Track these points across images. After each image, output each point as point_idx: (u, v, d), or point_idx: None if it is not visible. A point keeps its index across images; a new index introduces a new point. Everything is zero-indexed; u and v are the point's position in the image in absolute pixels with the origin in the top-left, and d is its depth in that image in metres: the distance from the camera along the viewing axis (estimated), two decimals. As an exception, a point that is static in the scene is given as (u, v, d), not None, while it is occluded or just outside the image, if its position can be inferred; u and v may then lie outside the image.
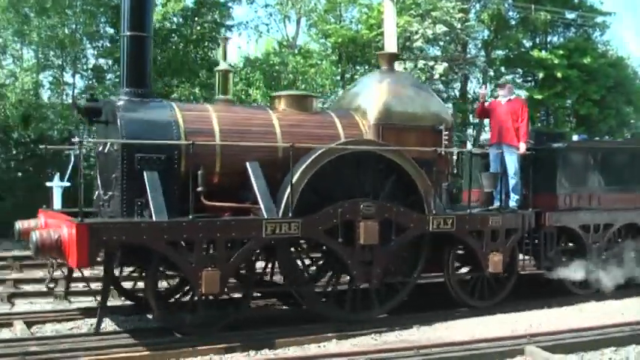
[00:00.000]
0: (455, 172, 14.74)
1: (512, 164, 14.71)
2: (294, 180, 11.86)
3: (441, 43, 33.81)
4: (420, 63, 31.93)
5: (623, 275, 15.62)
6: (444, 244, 13.68)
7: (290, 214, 11.78)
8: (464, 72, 35.12)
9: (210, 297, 11.71)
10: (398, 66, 26.32)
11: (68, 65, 30.92)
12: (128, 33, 12.06)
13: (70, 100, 28.80)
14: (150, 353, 10.64)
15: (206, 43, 31.93)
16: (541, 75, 34.71)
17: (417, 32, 31.22)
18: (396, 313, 13.22)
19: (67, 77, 31.12)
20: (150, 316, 12.80)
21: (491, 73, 36.17)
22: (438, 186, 13.67)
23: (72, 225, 10.44)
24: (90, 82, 31.01)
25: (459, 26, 32.34)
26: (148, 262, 11.50)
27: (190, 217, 11.11)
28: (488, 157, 15.13)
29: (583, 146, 16.05)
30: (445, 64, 32.55)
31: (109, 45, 30.58)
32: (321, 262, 13.75)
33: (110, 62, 30.94)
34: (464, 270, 14.89)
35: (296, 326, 12.26)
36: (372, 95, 13.86)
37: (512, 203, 14.66)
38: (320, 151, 12.18)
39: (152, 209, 11.06)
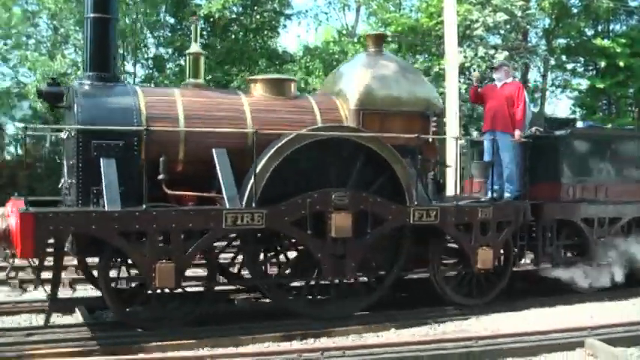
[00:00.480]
0: (443, 160, 13.44)
1: (506, 152, 13.33)
2: (258, 168, 10.90)
3: (502, 32, 32.28)
4: (480, 51, 30.22)
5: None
6: (430, 237, 12.55)
7: (253, 205, 10.81)
8: (524, 61, 33.16)
9: (167, 290, 10.85)
10: (458, 55, 25.33)
11: (129, 55, 30.73)
12: (91, 15, 11.24)
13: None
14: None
15: (265, 32, 31.52)
16: (603, 64, 33.32)
17: (477, 20, 29.84)
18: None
19: (128, 67, 31.02)
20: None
21: (553, 62, 35.02)
22: (424, 175, 12.58)
23: (17, 214, 9.76)
24: (150, 71, 30.73)
25: (519, 14, 30.76)
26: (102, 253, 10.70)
27: (144, 206, 10.25)
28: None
29: (588, 133, 14.54)
30: (505, 53, 30.54)
31: (169, 34, 30.20)
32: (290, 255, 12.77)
33: (170, 51, 30.55)
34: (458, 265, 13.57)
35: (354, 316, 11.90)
36: (354, 78, 12.75)
37: (506, 194, 13.32)
38: (287, 138, 11.16)
39: (104, 198, 10.28)
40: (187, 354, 9.66)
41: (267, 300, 12.46)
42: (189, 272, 12.28)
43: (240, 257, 13.38)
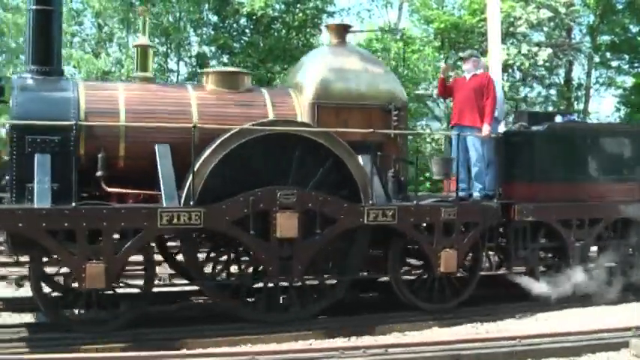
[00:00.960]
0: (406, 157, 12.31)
1: (474, 149, 12.22)
2: (197, 165, 10.14)
3: (545, 29, 31.03)
4: (524, 49, 29.52)
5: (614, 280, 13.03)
6: (391, 239, 11.58)
7: (191, 203, 10.05)
8: (568, 58, 32.01)
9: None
10: (501, 52, 24.31)
11: (172, 52, 30.28)
12: (33, 7, 10.60)
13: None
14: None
15: (308, 30, 30.60)
16: (648, 61, 31.85)
17: (520, 17, 29.00)
18: (492, 302, 12.32)
19: (172, 64, 30.60)
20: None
21: (597, 59, 33.66)
22: (383, 173, 11.60)
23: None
24: (194, 68, 30.22)
25: (563, 11, 29.74)
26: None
27: (73, 204, 9.55)
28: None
29: (567, 129, 13.22)
30: (549, 50, 29.88)
31: (212, 32, 29.69)
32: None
33: (214, 49, 30.03)
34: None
35: (394, 313, 11.53)
36: (312, 70, 11.87)
37: (475, 193, 12.20)
38: (228, 134, 10.35)
39: (35, 194, 9.66)
40: (231, 350, 9.45)
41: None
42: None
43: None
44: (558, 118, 13.74)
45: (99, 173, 10.11)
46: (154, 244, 11.54)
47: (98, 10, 28.32)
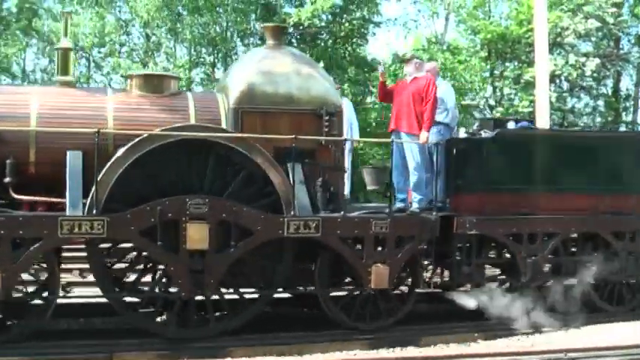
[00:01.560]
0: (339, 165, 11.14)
1: (412, 157, 11.20)
2: (102, 172, 9.36)
3: (593, 39, 29.85)
4: (571, 59, 28.37)
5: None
6: (318, 252, 10.57)
7: (94, 211, 9.28)
8: (616, 68, 30.71)
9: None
10: (549, 62, 23.21)
11: (219, 62, 29.58)
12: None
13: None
14: None
15: (354, 40, 29.89)
16: (697, 71, 30.26)
17: (568, 28, 27.94)
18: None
19: (218, 74, 29.80)
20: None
21: (646, 70, 31.97)
22: (312, 182, 10.60)
23: None
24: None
25: (611, 21, 28.50)
26: None
27: (-30, 212, 8.93)
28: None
29: (519, 136, 12.11)
30: (597, 61, 28.65)
31: (259, 42, 29.10)
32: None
33: (260, 59, 29.48)
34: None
35: (441, 324, 11.19)
36: (238, 73, 11.02)
37: (414, 204, 11.18)
38: (135, 140, 9.51)
39: None
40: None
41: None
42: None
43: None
44: (511, 125, 12.52)
45: (7, 180, 9.47)
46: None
47: (146, 20, 27.92)
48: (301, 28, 27.87)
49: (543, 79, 21.58)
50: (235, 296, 10.39)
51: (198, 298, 10.10)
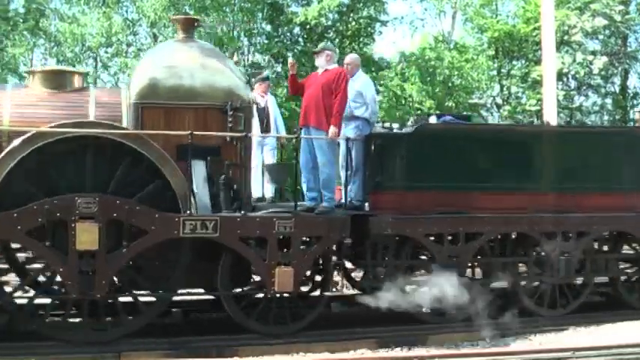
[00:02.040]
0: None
1: (321, 153, 10.53)
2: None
3: (601, 37, 29.83)
4: (579, 57, 28.37)
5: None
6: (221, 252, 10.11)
7: None
8: (624, 66, 30.63)
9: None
10: (556, 60, 23.14)
11: (226, 61, 29.56)
12: None
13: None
14: None
15: (361, 39, 29.80)
16: None
17: (575, 26, 27.91)
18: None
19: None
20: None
21: (654, 67, 31.83)
22: (216, 180, 10.13)
23: None
24: (247, 77, 29.62)
25: (619, 19, 28.43)
26: None
27: None
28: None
29: (440, 131, 11.40)
30: (604, 59, 28.66)
31: (266, 41, 29.10)
32: None
33: (267, 58, 29.44)
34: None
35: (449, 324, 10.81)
36: (140, 67, 10.58)
37: (324, 203, 10.52)
38: (23, 137, 9.13)
39: None
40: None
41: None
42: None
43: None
44: (433, 119, 11.90)
45: None
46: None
47: (153, 20, 27.92)
48: (308, 26, 27.90)
49: (551, 78, 21.52)
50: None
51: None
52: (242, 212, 9.86)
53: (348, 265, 11.87)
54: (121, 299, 9.91)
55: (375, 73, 28.10)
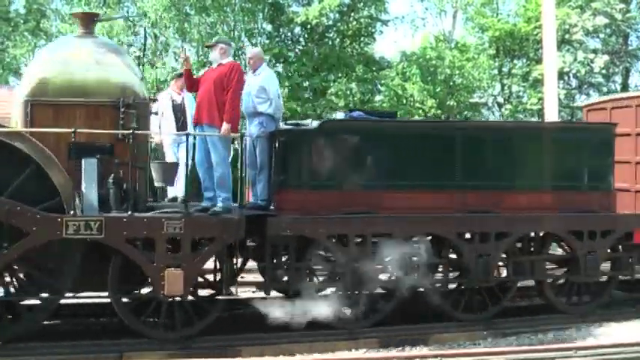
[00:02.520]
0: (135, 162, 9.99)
1: (215, 151, 10.11)
2: None
3: (601, 36, 29.91)
4: (580, 56, 28.52)
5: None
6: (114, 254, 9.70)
7: None
8: (625, 65, 30.64)
9: None
10: (557, 59, 23.13)
11: (227, 61, 29.51)
12: None
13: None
14: None
15: (362, 38, 29.61)
16: None
17: (576, 25, 28.05)
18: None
19: (225, 72, 29.78)
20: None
21: (654, 66, 31.80)
22: (106, 179, 9.75)
23: None
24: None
25: (619, 17, 28.55)
26: None
27: None
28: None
29: (347, 127, 10.88)
30: (605, 57, 28.76)
31: (266, 41, 29.06)
32: None
33: (268, 58, 29.40)
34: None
35: (449, 323, 10.94)
36: (33, 64, 10.47)
37: (219, 204, 10.09)
38: None
39: None
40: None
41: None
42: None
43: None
44: (339, 115, 11.56)
45: None
46: None
47: (154, 20, 27.87)
48: (309, 26, 27.88)
49: (552, 76, 21.49)
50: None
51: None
52: (129, 213, 9.47)
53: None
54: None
55: (375, 73, 28.14)
